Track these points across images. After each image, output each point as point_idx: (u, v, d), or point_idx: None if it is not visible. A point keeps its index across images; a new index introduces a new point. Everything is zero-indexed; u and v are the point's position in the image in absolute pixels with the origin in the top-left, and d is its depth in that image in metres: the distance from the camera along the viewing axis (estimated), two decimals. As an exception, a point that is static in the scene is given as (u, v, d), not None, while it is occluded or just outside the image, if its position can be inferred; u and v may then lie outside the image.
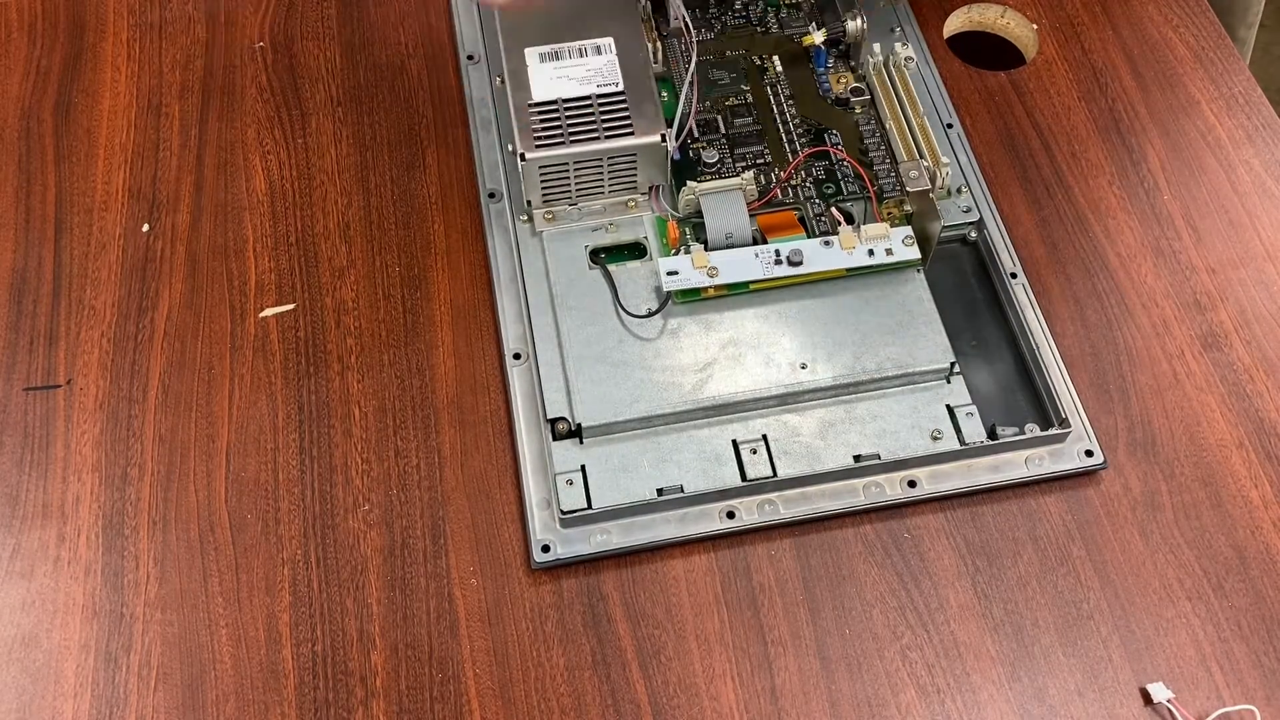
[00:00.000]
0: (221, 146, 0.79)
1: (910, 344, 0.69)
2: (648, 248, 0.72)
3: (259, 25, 0.85)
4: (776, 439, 0.67)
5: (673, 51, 0.79)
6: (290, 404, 0.69)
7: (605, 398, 0.67)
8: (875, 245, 0.70)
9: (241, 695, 0.61)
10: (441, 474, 0.67)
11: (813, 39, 0.78)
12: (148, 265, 0.74)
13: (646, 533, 0.64)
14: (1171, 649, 0.62)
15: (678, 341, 0.69)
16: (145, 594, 0.63)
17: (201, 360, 0.71)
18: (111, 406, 0.69)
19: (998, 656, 0.62)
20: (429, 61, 0.83)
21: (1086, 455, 0.67)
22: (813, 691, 0.61)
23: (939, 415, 0.68)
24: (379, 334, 0.72)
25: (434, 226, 0.76)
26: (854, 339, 0.69)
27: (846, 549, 0.65)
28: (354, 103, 0.81)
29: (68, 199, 0.77)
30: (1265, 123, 0.80)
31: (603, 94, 0.71)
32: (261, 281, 0.74)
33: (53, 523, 0.65)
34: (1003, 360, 0.71)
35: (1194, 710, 0.60)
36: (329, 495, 0.66)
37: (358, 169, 0.78)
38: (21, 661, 0.62)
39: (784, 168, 0.75)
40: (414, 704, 0.60)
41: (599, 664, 0.61)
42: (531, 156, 0.70)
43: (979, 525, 0.66)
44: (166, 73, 0.82)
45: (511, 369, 0.69)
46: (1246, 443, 0.68)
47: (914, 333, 0.69)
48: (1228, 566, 0.64)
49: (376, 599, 0.63)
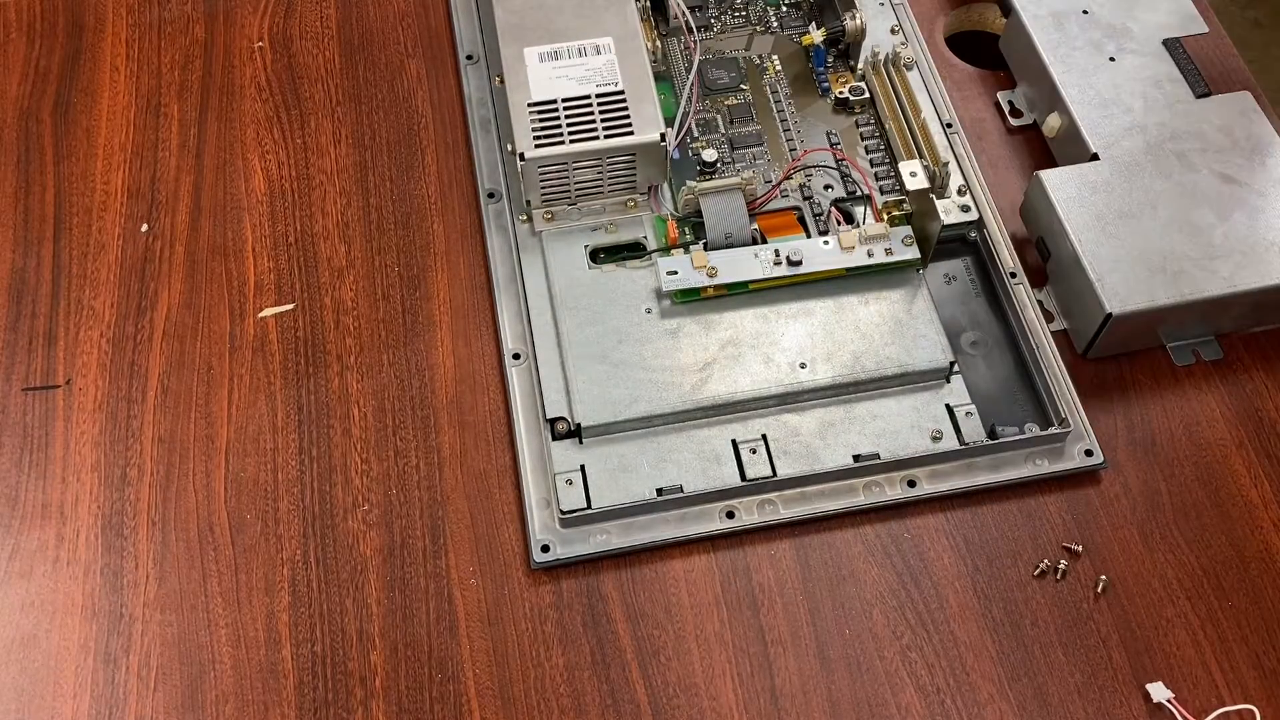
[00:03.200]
0: (220, 146, 0.79)
1: (910, 344, 0.69)
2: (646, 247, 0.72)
3: (258, 25, 0.85)
4: (776, 439, 0.67)
5: (672, 51, 0.79)
6: (289, 404, 0.69)
7: (605, 398, 0.67)
8: (875, 245, 0.70)
9: (241, 695, 0.61)
10: (441, 474, 0.67)
11: (812, 38, 0.78)
12: (147, 265, 0.74)
13: (646, 533, 0.64)
14: (1171, 649, 0.62)
15: (677, 341, 0.69)
16: (144, 594, 0.63)
17: (200, 360, 0.71)
18: (110, 407, 0.69)
19: (998, 656, 0.62)
20: (428, 61, 0.83)
21: (1086, 455, 0.67)
22: (813, 691, 0.61)
23: (939, 415, 0.68)
24: (378, 334, 0.71)
25: (433, 226, 0.76)
26: (854, 339, 0.69)
27: (846, 549, 0.65)
28: (353, 103, 0.81)
29: (67, 199, 0.77)
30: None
31: (602, 93, 0.71)
32: (260, 282, 0.74)
33: (52, 523, 0.65)
34: (1003, 360, 0.71)
35: (1194, 710, 0.60)
36: (328, 495, 0.66)
37: (357, 169, 0.78)
38: (21, 662, 0.62)
39: (784, 168, 0.75)
40: (413, 704, 0.60)
41: (599, 664, 0.61)
42: (531, 156, 0.70)
43: (979, 525, 0.66)
44: (165, 73, 0.82)
45: (511, 369, 0.69)
46: (1246, 443, 0.68)
47: (914, 333, 0.69)
48: (1228, 566, 0.64)
49: (376, 599, 0.63)
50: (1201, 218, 0.70)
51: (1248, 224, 0.69)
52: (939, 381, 0.69)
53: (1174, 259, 0.68)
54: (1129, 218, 0.70)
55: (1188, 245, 0.69)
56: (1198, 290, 0.67)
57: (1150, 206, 0.70)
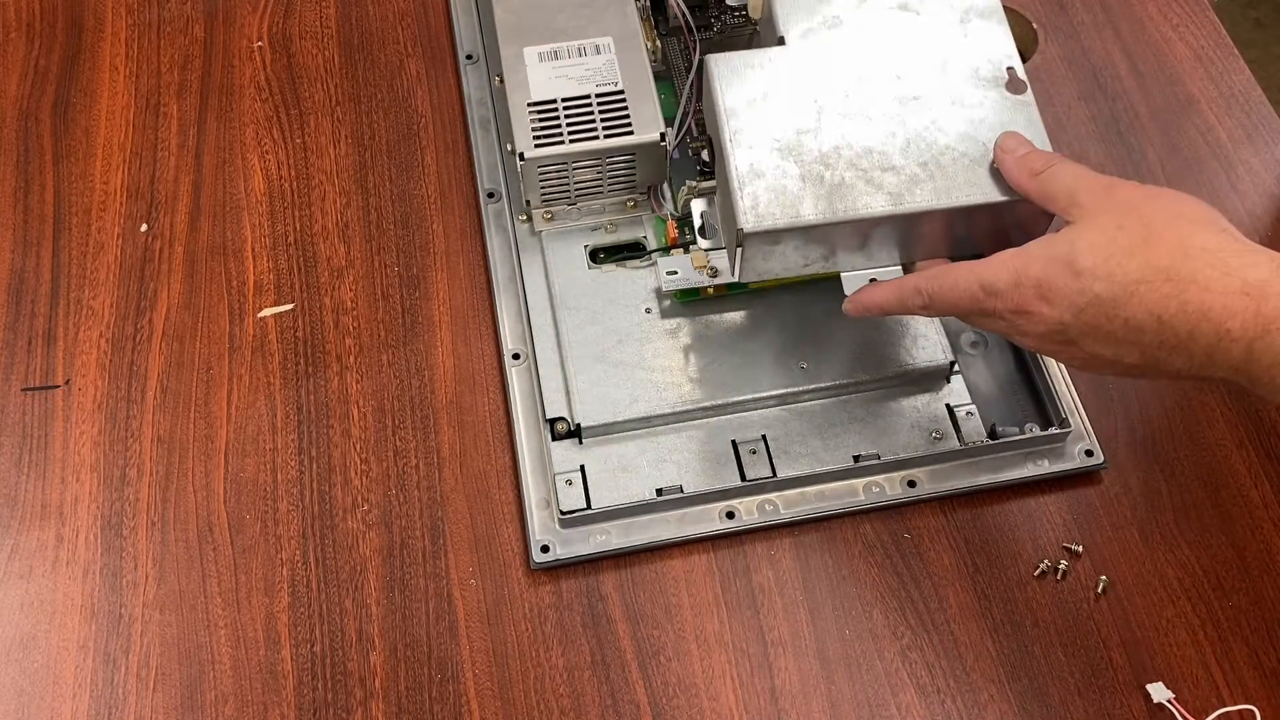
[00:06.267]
0: (220, 146, 0.79)
1: (910, 344, 0.69)
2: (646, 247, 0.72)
3: (258, 25, 0.85)
4: (776, 439, 0.67)
5: (672, 51, 0.79)
6: (289, 404, 0.69)
7: (604, 398, 0.67)
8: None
9: (240, 696, 0.61)
10: (440, 474, 0.67)
11: (812, 38, 0.78)
12: (146, 265, 0.74)
13: (646, 533, 0.64)
14: (1171, 649, 0.62)
15: (677, 341, 0.69)
16: (144, 594, 0.63)
17: (200, 360, 0.70)
18: (110, 407, 0.69)
19: (998, 656, 0.62)
20: (428, 61, 0.83)
21: (1086, 455, 0.67)
22: (813, 692, 0.61)
23: (939, 415, 0.68)
24: (378, 334, 0.71)
25: (433, 226, 0.76)
26: (854, 339, 0.69)
27: (846, 549, 0.65)
28: (352, 102, 0.81)
29: (66, 199, 0.77)
30: (1265, 122, 0.80)
31: (602, 93, 0.71)
32: (260, 282, 0.73)
33: (51, 523, 0.65)
34: (1003, 360, 0.71)
35: (1194, 710, 0.60)
36: (328, 496, 0.66)
37: (356, 169, 0.78)
38: (20, 662, 0.61)
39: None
40: (413, 705, 0.60)
41: (598, 664, 0.61)
42: (531, 156, 0.70)
43: (979, 525, 0.65)
44: (165, 72, 0.82)
45: (510, 369, 0.69)
46: (1246, 443, 0.68)
47: (914, 332, 0.69)
48: (1228, 566, 0.64)
49: (375, 599, 0.63)
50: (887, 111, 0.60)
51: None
52: (939, 381, 0.69)
53: (838, 166, 0.59)
54: (801, 124, 0.60)
55: (860, 150, 0.59)
56: (854, 209, 0.58)
57: (826, 90, 0.61)
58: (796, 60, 0.62)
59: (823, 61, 0.62)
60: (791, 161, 0.59)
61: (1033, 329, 0.55)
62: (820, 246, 0.60)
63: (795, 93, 0.61)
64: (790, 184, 0.59)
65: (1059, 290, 0.53)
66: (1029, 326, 0.55)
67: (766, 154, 0.60)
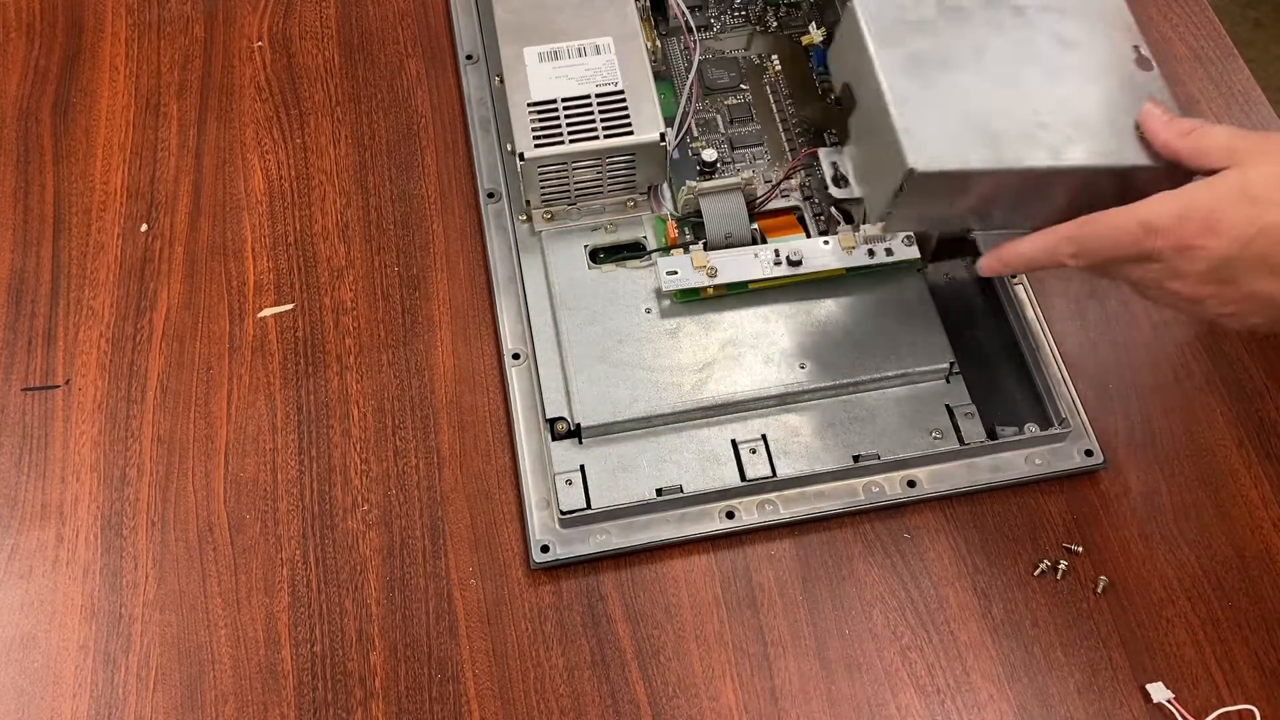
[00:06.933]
0: (220, 146, 0.79)
1: (910, 344, 0.69)
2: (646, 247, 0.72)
3: (257, 25, 0.85)
4: (776, 439, 0.67)
5: (672, 51, 0.79)
6: (289, 404, 0.69)
7: (604, 398, 0.67)
8: (875, 245, 0.70)
9: (240, 696, 0.61)
10: (440, 474, 0.67)
11: (812, 38, 0.78)
12: (146, 265, 0.74)
13: (646, 533, 0.64)
14: (1171, 649, 0.62)
15: (677, 341, 0.69)
16: (144, 594, 0.63)
17: (200, 361, 0.70)
18: (110, 407, 0.69)
19: (998, 656, 0.62)
20: (428, 61, 0.83)
21: (1086, 455, 0.67)
22: (813, 692, 0.61)
23: (939, 415, 0.68)
24: (378, 334, 0.71)
25: (433, 226, 0.76)
26: (854, 338, 0.69)
27: (846, 549, 0.65)
28: (352, 102, 0.81)
29: (66, 199, 0.77)
30: (1265, 122, 0.80)
31: (602, 93, 0.71)
32: (260, 282, 0.73)
33: (51, 523, 0.65)
34: (1003, 360, 0.71)
35: (1194, 710, 0.60)
36: (328, 496, 0.66)
37: (356, 169, 0.78)
38: (20, 662, 0.61)
39: (784, 168, 0.75)
40: (413, 704, 0.60)
41: (598, 664, 0.61)
42: (531, 156, 0.70)
43: (979, 525, 0.65)
44: (165, 72, 0.82)
45: (510, 369, 0.69)
46: (1246, 443, 0.68)
47: (914, 333, 0.69)
48: (1228, 566, 0.64)
49: (375, 599, 0.63)
50: (1030, 79, 0.60)
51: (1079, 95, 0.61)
52: (939, 381, 0.69)
53: (996, 119, 0.59)
54: (950, 67, 0.60)
55: (1014, 107, 0.59)
56: (1017, 159, 0.58)
57: (975, 58, 0.61)
58: (940, 12, 0.62)
59: (959, 35, 0.62)
60: (951, 110, 0.59)
61: (1193, 268, 0.54)
62: (974, 198, 0.60)
63: (948, 43, 0.61)
64: (956, 129, 0.58)
65: (1230, 220, 0.53)
66: (1188, 265, 0.54)
67: (927, 100, 0.59)
